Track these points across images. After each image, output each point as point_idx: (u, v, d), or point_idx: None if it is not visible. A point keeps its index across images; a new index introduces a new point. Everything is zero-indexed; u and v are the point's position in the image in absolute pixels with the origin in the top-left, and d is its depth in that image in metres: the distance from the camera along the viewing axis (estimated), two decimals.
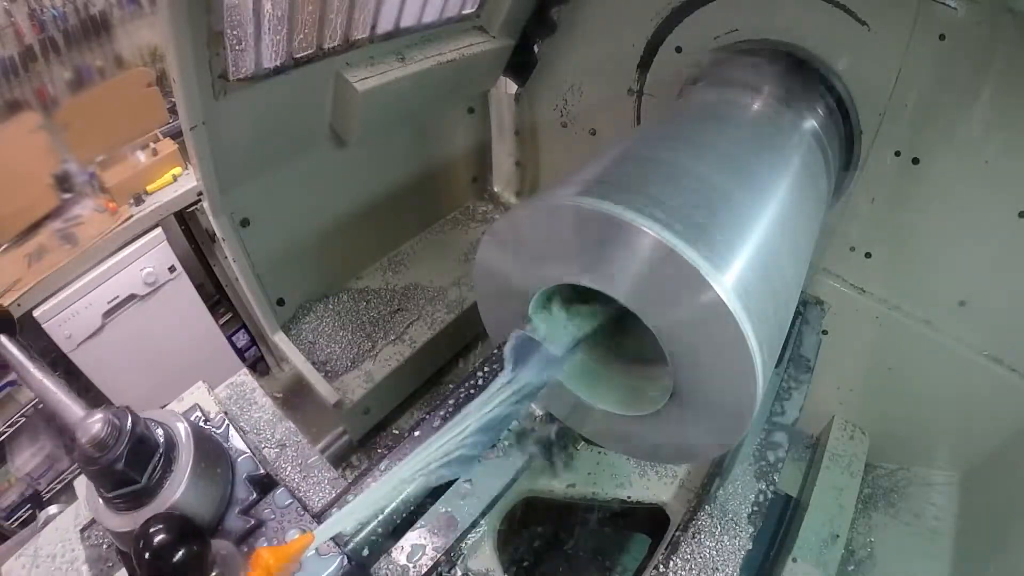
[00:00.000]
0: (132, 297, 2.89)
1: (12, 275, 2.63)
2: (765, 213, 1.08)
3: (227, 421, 0.84)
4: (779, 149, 1.32)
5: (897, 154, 1.58)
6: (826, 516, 1.75)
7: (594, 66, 2.06)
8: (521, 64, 2.20)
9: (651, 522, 1.83)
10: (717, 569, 1.34)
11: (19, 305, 2.61)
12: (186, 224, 3.25)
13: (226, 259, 1.86)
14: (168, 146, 3.15)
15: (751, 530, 1.40)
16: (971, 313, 1.67)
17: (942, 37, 1.39)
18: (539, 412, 1.73)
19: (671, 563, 1.36)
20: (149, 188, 3.05)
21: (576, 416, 1.23)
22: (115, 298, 2.83)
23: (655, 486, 1.74)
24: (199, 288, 3.35)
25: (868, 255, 1.78)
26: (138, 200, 2.99)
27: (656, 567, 1.37)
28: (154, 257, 2.98)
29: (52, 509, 1.42)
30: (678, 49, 1.81)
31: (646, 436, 1.12)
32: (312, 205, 2.02)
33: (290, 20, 1.47)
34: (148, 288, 2.94)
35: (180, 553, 0.59)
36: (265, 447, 1.11)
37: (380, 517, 0.82)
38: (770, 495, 1.47)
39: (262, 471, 0.81)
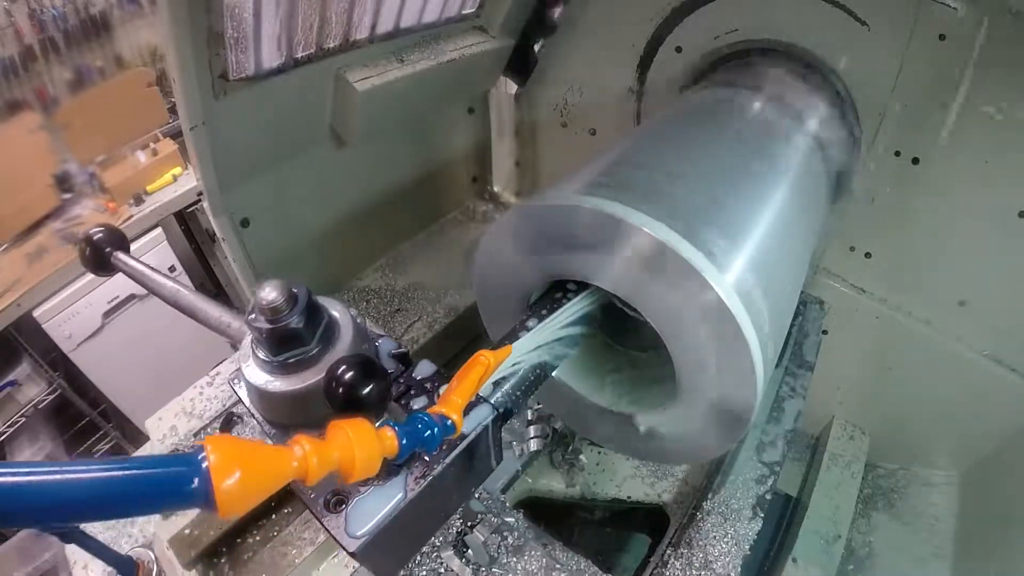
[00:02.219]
0: (132, 297, 2.89)
1: (12, 275, 2.63)
2: (765, 213, 1.08)
3: (362, 314, 0.92)
4: (779, 149, 1.32)
5: (897, 154, 1.58)
6: (826, 516, 1.75)
7: (594, 66, 2.06)
8: (521, 64, 2.19)
9: (651, 522, 1.83)
10: (717, 569, 1.34)
11: (19, 305, 2.61)
12: (186, 224, 3.26)
13: (226, 259, 1.85)
14: (168, 146, 3.15)
15: (751, 530, 1.40)
16: (971, 313, 1.67)
17: (942, 37, 1.39)
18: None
19: (671, 563, 1.35)
20: (149, 188, 3.06)
21: (576, 416, 1.23)
22: (115, 298, 2.83)
23: (655, 486, 1.74)
24: (199, 288, 3.35)
25: (868, 255, 1.78)
26: (138, 200, 2.99)
27: (656, 567, 1.37)
28: (154, 257, 2.98)
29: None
30: (678, 49, 1.81)
31: (646, 436, 1.12)
32: (312, 205, 2.02)
33: (290, 20, 1.47)
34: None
35: (369, 387, 0.65)
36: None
37: (515, 379, 0.96)
38: (770, 495, 1.47)
39: (403, 348, 0.91)
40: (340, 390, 0.65)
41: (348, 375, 0.65)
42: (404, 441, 0.65)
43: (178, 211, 3.13)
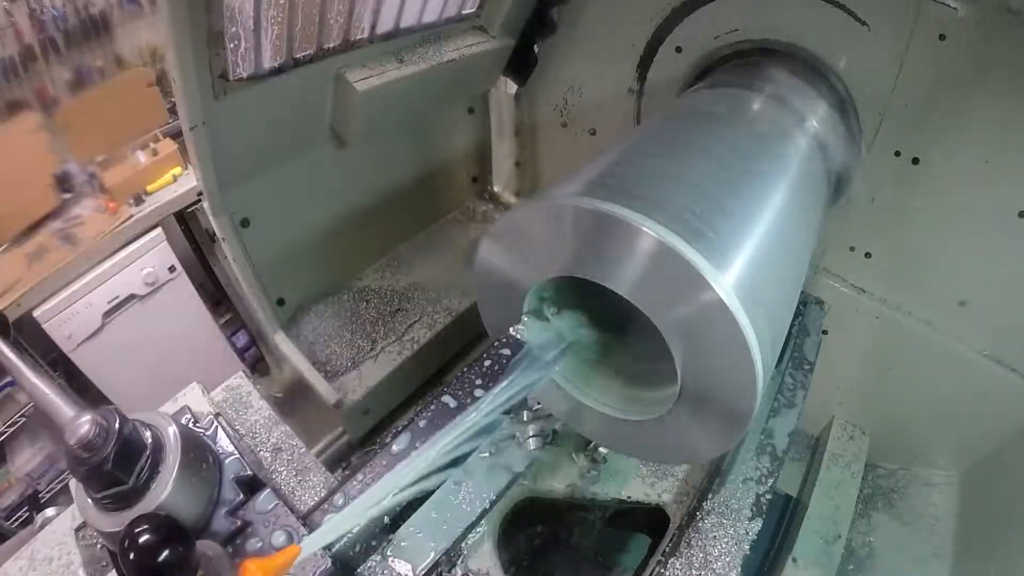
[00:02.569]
0: (132, 297, 2.88)
1: (12, 275, 2.63)
2: (765, 213, 1.08)
3: (216, 423, 0.85)
4: (779, 149, 1.32)
5: (897, 154, 1.58)
6: (826, 516, 1.75)
7: (594, 66, 2.06)
8: (521, 64, 2.19)
9: (651, 522, 1.83)
10: (717, 569, 1.34)
11: (19, 305, 2.60)
12: (186, 224, 3.25)
13: (226, 259, 1.85)
14: (168, 146, 3.14)
15: (751, 530, 1.40)
16: (971, 313, 1.67)
17: (942, 37, 1.39)
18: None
19: (671, 563, 1.35)
20: (149, 188, 3.05)
21: (576, 416, 1.23)
22: (115, 298, 2.83)
23: (655, 486, 1.74)
24: (199, 288, 3.35)
25: (868, 255, 1.78)
26: (138, 200, 2.99)
27: (656, 567, 1.37)
28: (154, 257, 2.97)
29: (49, 512, 1.42)
30: (678, 49, 1.81)
31: (647, 436, 1.12)
32: (312, 205, 2.02)
33: (290, 20, 1.47)
34: (148, 288, 2.94)
35: (165, 553, 0.59)
36: (261, 450, 1.11)
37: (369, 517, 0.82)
38: (770, 495, 1.47)
39: (249, 472, 0.82)
40: (132, 555, 0.59)
41: (142, 539, 0.59)
42: None
43: (178, 211, 3.12)
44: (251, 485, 0.82)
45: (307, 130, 1.79)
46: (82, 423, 0.65)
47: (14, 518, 2.72)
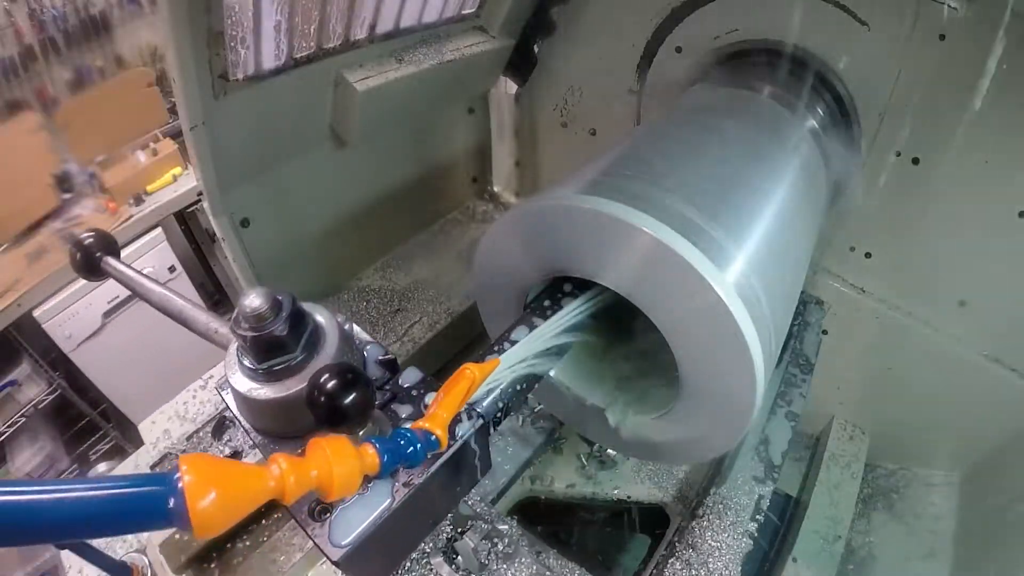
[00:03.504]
0: (132, 297, 2.87)
1: (12, 275, 2.63)
2: (765, 213, 1.08)
3: (351, 321, 0.92)
4: (779, 149, 1.32)
5: (897, 154, 1.58)
6: (826, 516, 1.75)
7: (594, 66, 2.06)
8: (521, 64, 2.19)
9: (651, 522, 1.84)
10: (717, 569, 1.34)
11: (19, 305, 2.61)
12: (186, 224, 3.26)
13: (226, 259, 1.85)
14: (168, 146, 3.15)
15: (751, 530, 1.40)
16: (971, 313, 1.67)
17: (942, 37, 1.39)
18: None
19: (671, 563, 1.36)
20: (149, 188, 3.06)
21: (576, 416, 1.23)
22: (115, 298, 2.83)
23: (655, 486, 1.74)
24: (199, 288, 3.35)
25: (868, 255, 1.78)
26: (138, 200, 2.99)
27: (656, 567, 1.37)
28: (154, 257, 2.98)
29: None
30: (678, 49, 1.81)
31: (647, 436, 1.13)
32: (312, 205, 2.02)
33: (290, 20, 1.47)
34: None
35: (352, 396, 0.64)
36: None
37: (502, 387, 0.93)
38: (770, 495, 1.47)
39: (390, 356, 0.90)
40: (322, 399, 0.64)
41: (330, 384, 0.64)
42: (386, 458, 0.64)
43: (178, 211, 3.13)
44: (391, 366, 0.90)
45: (307, 130, 1.79)
46: (255, 296, 0.71)
47: None
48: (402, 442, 0.68)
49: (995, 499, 1.77)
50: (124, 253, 3.17)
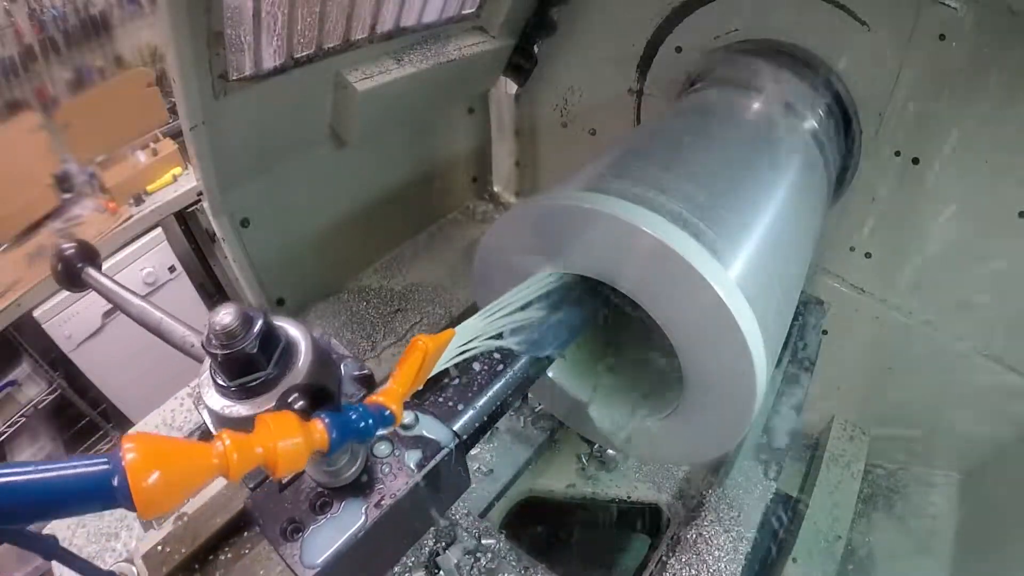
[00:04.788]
0: None
1: (12, 275, 2.63)
2: (765, 213, 1.08)
3: (328, 334, 0.91)
4: (779, 149, 1.32)
5: (897, 154, 1.58)
6: (826, 516, 1.75)
7: (594, 66, 2.06)
8: (521, 64, 2.19)
9: (651, 522, 1.83)
10: (717, 569, 1.34)
11: (19, 305, 2.61)
12: (186, 224, 3.25)
13: (226, 259, 1.85)
14: (168, 146, 3.15)
15: (751, 530, 1.40)
16: (971, 313, 1.66)
17: (942, 37, 1.39)
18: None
19: (671, 563, 1.36)
20: (149, 188, 3.06)
21: (576, 416, 1.23)
22: None
23: (655, 486, 1.74)
24: (199, 288, 3.35)
25: (868, 255, 1.78)
26: (138, 200, 2.99)
27: (656, 567, 1.37)
28: (154, 257, 2.98)
29: None
30: (678, 49, 1.81)
31: (648, 437, 1.12)
32: (312, 205, 2.02)
33: (290, 20, 1.47)
34: (148, 288, 2.94)
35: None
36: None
37: (479, 406, 0.91)
38: (770, 495, 1.47)
39: (367, 371, 0.88)
40: (291, 412, 0.63)
41: (298, 404, 0.64)
42: (335, 434, 0.63)
43: (178, 211, 3.13)
44: (367, 381, 0.87)
45: (307, 130, 1.79)
46: (226, 313, 0.69)
47: None
48: (353, 416, 0.66)
49: (995, 499, 1.77)
50: (124, 253, 3.18)
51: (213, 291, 3.57)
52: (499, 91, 2.42)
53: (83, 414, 3.14)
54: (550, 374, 1.18)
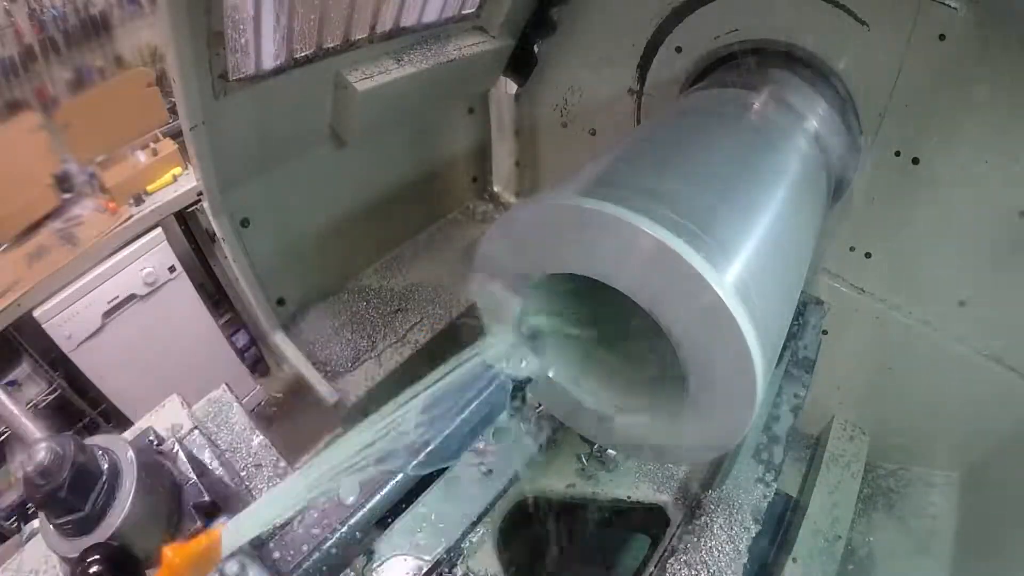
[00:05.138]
0: (132, 297, 2.89)
1: (12, 275, 2.63)
2: (765, 213, 1.08)
3: (178, 448, 0.84)
4: (779, 149, 1.32)
5: (897, 154, 1.58)
6: (826, 516, 1.75)
7: (594, 66, 2.06)
8: (521, 64, 2.20)
9: (651, 522, 1.83)
10: (717, 569, 1.34)
11: (19, 305, 2.60)
12: (186, 224, 3.25)
13: (226, 259, 1.86)
14: (168, 146, 3.14)
15: (751, 530, 1.40)
16: (971, 313, 1.66)
17: (942, 37, 1.39)
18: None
19: (671, 563, 1.36)
20: (149, 188, 3.05)
21: (576, 416, 1.23)
22: (115, 298, 2.83)
23: (655, 486, 1.74)
24: (199, 288, 3.35)
25: (868, 255, 1.78)
26: (138, 200, 2.99)
27: (656, 567, 1.37)
28: (154, 257, 2.98)
29: (35, 523, 1.43)
30: (678, 49, 1.81)
31: (647, 436, 1.12)
32: (312, 205, 2.02)
33: (290, 20, 1.47)
34: (148, 288, 2.94)
35: None
36: (242, 465, 1.12)
37: (355, 520, 0.78)
38: (770, 495, 1.47)
39: (207, 499, 0.81)
40: None
41: (92, 569, 0.61)
42: None
43: (178, 211, 3.13)
44: (210, 511, 0.81)
45: (307, 130, 1.79)
46: (38, 450, 0.65)
47: (14, 518, 2.72)
48: None
49: (995, 499, 1.77)
50: (124, 253, 3.17)
51: (213, 291, 3.56)
52: (499, 91, 2.42)
53: (83, 414, 3.13)
54: (549, 374, 1.18)
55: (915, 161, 1.56)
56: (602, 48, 2.00)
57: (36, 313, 2.66)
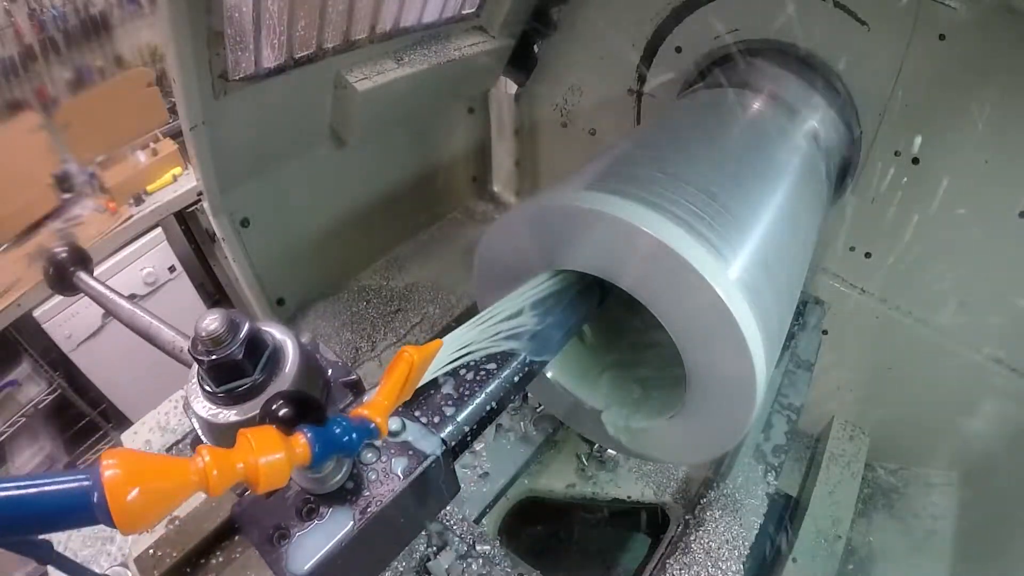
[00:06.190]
0: (132, 297, 2.88)
1: (12, 275, 2.63)
2: (765, 213, 1.08)
3: (317, 339, 0.91)
4: (779, 149, 1.32)
5: (897, 154, 1.58)
6: (826, 516, 1.75)
7: (594, 66, 2.06)
8: (521, 64, 2.20)
9: (651, 522, 1.84)
10: (717, 569, 1.34)
11: (19, 305, 2.61)
12: (186, 224, 3.26)
13: (226, 259, 1.86)
14: (168, 146, 3.15)
15: (751, 530, 1.40)
16: (971, 313, 1.66)
17: (942, 37, 1.39)
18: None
19: (671, 563, 1.36)
20: (149, 188, 3.06)
21: (576, 416, 1.23)
22: None
23: (655, 486, 1.74)
24: (199, 288, 3.35)
25: (868, 255, 1.78)
26: (138, 200, 2.99)
27: (656, 567, 1.37)
28: (154, 257, 2.98)
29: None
30: (678, 49, 1.81)
31: (647, 437, 1.12)
32: (312, 205, 2.02)
33: (290, 20, 1.47)
34: (148, 288, 2.94)
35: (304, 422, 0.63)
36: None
37: (467, 412, 0.87)
38: (770, 495, 1.47)
39: (354, 377, 0.88)
40: (273, 427, 0.63)
41: (282, 412, 0.63)
42: (317, 448, 0.62)
43: (178, 211, 3.13)
44: (356, 388, 0.88)
45: (307, 130, 1.79)
46: (212, 319, 0.70)
47: None
48: (337, 431, 0.65)
49: (995, 499, 1.77)
50: (124, 253, 3.18)
51: (213, 291, 3.57)
52: (499, 91, 2.42)
53: (83, 414, 3.14)
54: (549, 374, 1.18)
55: (915, 161, 1.56)
56: (602, 48, 2.00)
57: (36, 313, 2.67)
